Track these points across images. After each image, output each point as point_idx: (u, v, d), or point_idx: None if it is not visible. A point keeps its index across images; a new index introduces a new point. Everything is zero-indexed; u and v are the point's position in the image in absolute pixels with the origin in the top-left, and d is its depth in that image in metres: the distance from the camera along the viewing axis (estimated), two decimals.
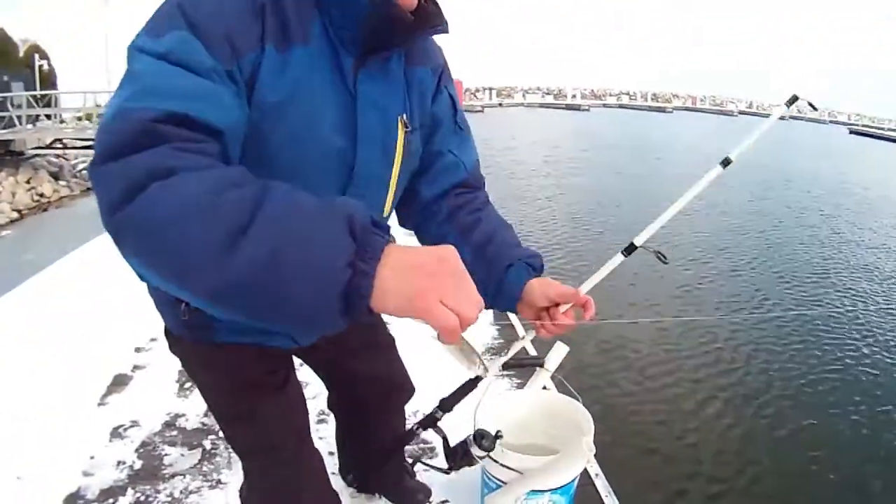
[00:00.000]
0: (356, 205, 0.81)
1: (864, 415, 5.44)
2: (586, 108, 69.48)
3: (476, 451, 1.33)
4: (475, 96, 68.48)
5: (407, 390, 2.05)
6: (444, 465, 1.42)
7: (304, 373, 1.88)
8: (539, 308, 1.35)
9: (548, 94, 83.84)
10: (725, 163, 1.42)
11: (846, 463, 4.75)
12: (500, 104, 71.15)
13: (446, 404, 1.66)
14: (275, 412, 1.48)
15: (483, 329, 4.12)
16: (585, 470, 2.69)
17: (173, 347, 1.45)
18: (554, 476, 1.84)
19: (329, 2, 1.05)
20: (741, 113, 77.98)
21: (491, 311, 4.26)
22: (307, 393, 1.75)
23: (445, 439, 1.46)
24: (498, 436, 1.42)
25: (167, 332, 1.44)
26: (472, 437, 1.34)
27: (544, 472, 1.84)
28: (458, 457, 1.36)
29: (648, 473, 4.46)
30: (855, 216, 15.46)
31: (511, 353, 1.57)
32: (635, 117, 55.76)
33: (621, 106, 79.47)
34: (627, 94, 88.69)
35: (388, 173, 1.23)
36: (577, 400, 2.18)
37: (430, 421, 1.58)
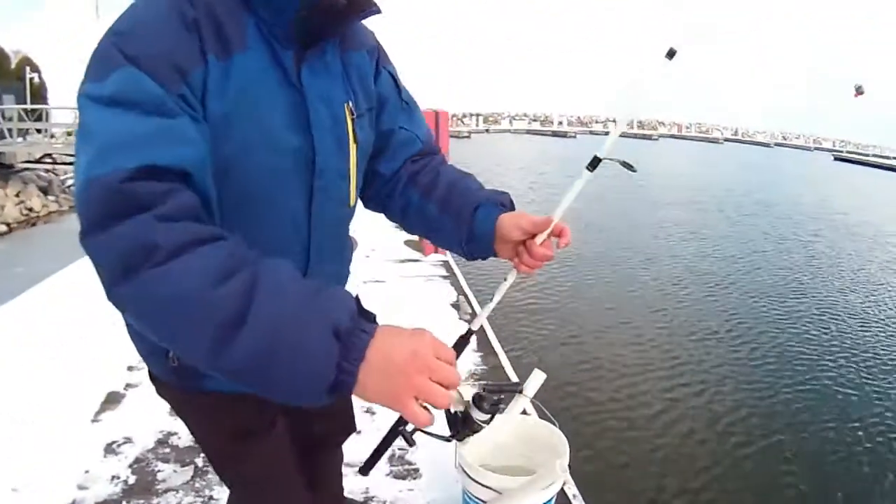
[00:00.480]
0: (342, 298, 0.87)
1: (836, 431, 5.68)
2: (573, 134, 69.78)
3: (477, 415, 1.35)
4: (462, 122, 68.70)
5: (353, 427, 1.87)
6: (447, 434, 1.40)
7: None
8: (515, 243, 1.31)
9: (534, 120, 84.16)
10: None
11: (815, 477, 4.97)
12: (487, 130, 71.77)
13: None
14: (264, 451, 1.42)
15: (466, 356, 4.24)
16: (563, 491, 2.81)
17: (160, 391, 1.39)
18: (530, 495, 1.96)
19: (257, 3, 1.04)
20: (726, 140, 78.47)
21: (474, 339, 4.39)
22: None
23: (447, 410, 1.44)
24: (499, 401, 1.44)
25: (153, 378, 1.37)
26: (471, 401, 1.37)
27: (521, 492, 1.96)
28: (460, 424, 1.37)
29: (624, 490, 4.64)
30: (832, 241, 15.85)
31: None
32: (622, 144, 55.90)
33: (608, 133, 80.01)
34: (614, 121, 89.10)
35: (345, 164, 1.21)
36: (554, 424, 2.30)
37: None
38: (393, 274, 6.27)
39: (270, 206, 1.12)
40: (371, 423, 3.04)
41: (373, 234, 7.17)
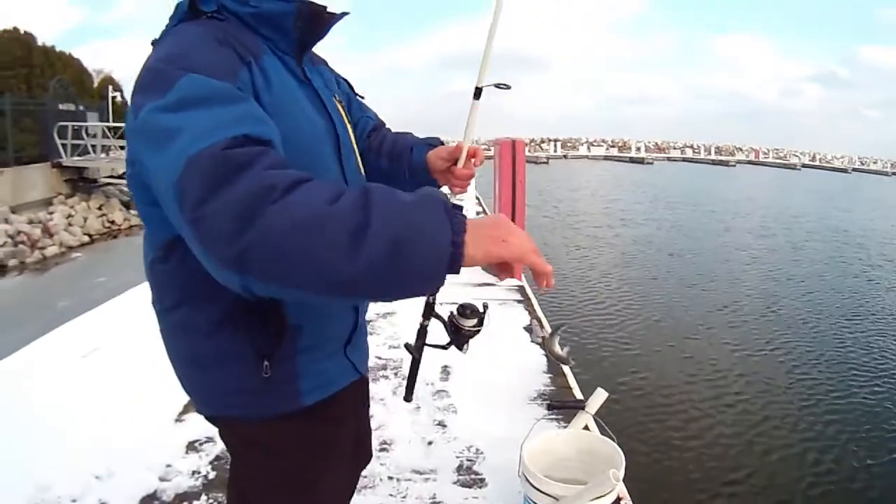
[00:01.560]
0: (440, 191, 0.98)
1: None
2: (650, 161, 68.35)
3: (464, 323, 1.46)
4: (540, 147, 68.49)
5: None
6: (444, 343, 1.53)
7: None
8: (444, 171, 1.59)
9: (612, 146, 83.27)
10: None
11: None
12: (565, 156, 71.04)
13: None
14: (334, 477, 1.43)
15: (536, 376, 4.36)
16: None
17: (231, 428, 1.40)
18: (584, 500, 2.08)
19: (264, 29, 1.26)
20: (804, 166, 76.17)
21: (544, 360, 4.58)
22: None
23: (442, 320, 1.56)
24: (484, 306, 1.55)
25: (217, 419, 1.40)
26: (455, 312, 1.47)
27: (575, 498, 2.09)
28: (453, 334, 1.49)
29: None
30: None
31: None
32: (698, 171, 55.21)
33: (685, 159, 78.11)
34: (691, 147, 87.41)
35: (351, 139, 1.44)
36: (613, 440, 2.42)
37: (430, 310, 1.61)
38: (468, 297, 6.26)
39: (317, 174, 1.18)
40: None
41: None
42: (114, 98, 27.28)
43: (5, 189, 16.56)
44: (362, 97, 1.72)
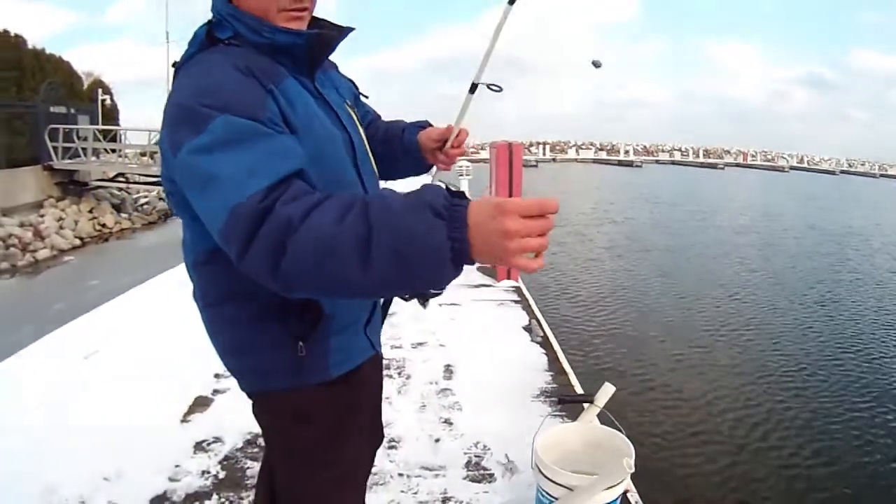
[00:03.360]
0: (431, 189, 1.02)
1: None
2: (639, 164, 68.70)
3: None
4: (529, 150, 68.37)
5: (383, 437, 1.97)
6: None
7: None
8: (434, 150, 1.74)
9: (601, 149, 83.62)
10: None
11: None
12: (554, 159, 71.55)
13: None
14: (353, 454, 1.56)
15: (538, 374, 4.41)
16: (626, 497, 2.95)
17: (268, 403, 1.52)
18: (598, 489, 2.13)
19: (281, 58, 1.35)
20: (792, 168, 76.52)
21: (545, 359, 4.65)
22: None
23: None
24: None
25: (258, 394, 1.51)
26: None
27: (590, 487, 2.14)
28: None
29: (685, 496, 4.78)
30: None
31: None
32: (686, 173, 55.51)
33: (673, 162, 78.37)
34: (679, 150, 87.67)
35: (364, 144, 1.54)
36: (621, 432, 2.48)
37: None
38: (466, 298, 6.48)
39: (340, 182, 1.35)
40: None
41: None
42: (104, 101, 27.17)
43: None
44: (366, 97, 1.82)
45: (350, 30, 1.50)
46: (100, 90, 27.99)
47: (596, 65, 1.87)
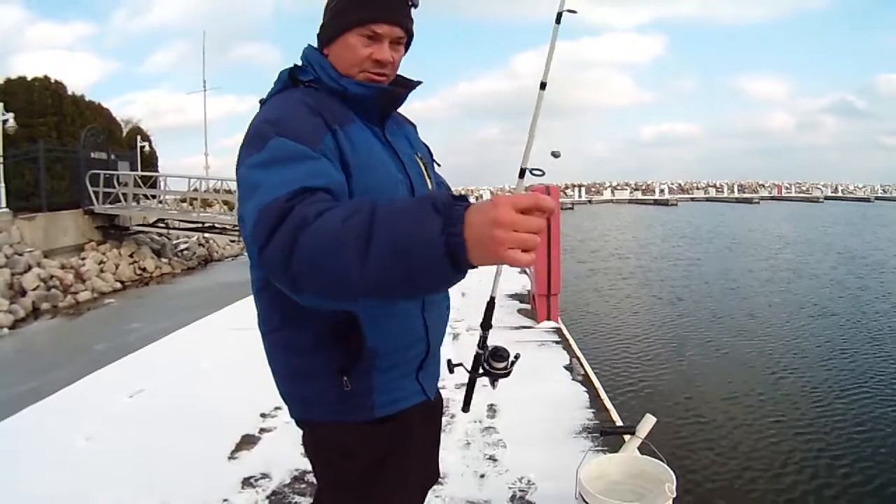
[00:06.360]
0: (437, 192, 1.16)
1: None
2: (674, 202, 68.27)
3: (494, 364, 1.71)
4: (564, 193, 68.43)
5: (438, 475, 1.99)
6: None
7: None
8: None
9: (636, 189, 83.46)
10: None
11: None
12: (590, 201, 71.69)
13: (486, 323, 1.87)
14: (403, 490, 1.58)
15: (580, 410, 4.43)
16: None
17: (314, 434, 1.58)
18: None
19: (352, 104, 1.49)
20: (826, 198, 75.61)
21: (586, 396, 4.72)
22: None
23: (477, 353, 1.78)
24: (516, 356, 1.76)
25: (305, 423, 1.59)
26: (489, 354, 1.71)
27: None
28: (482, 368, 1.73)
29: None
30: None
31: None
32: (721, 210, 55.03)
33: (709, 199, 77.80)
34: (714, 186, 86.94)
35: (427, 188, 1.63)
36: (662, 461, 2.53)
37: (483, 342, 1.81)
38: (507, 339, 6.32)
39: None
40: None
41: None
42: (142, 147, 27.65)
43: (38, 234, 16.77)
44: (439, 164, 1.89)
45: (418, 83, 1.64)
46: (139, 137, 28.48)
47: (555, 155, 1.97)
